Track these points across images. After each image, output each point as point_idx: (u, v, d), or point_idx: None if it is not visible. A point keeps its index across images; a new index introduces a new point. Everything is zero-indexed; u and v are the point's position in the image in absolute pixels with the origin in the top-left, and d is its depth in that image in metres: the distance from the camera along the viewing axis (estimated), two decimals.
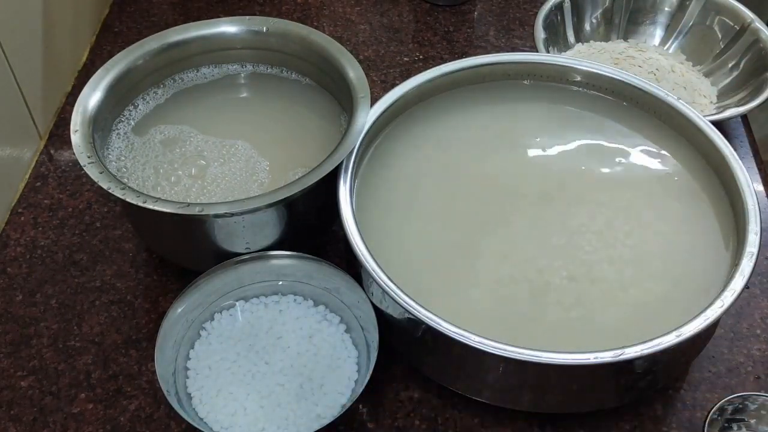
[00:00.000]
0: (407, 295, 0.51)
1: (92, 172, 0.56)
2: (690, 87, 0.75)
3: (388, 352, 0.56)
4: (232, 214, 0.55)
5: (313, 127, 0.66)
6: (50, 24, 0.76)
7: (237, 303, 0.59)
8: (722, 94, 0.76)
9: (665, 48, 0.82)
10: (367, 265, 0.53)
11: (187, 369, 0.56)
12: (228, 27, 0.68)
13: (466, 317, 0.51)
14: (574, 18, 0.81)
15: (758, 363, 0.59)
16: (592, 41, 0.82)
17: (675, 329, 0.50)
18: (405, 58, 0.84)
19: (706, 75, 0.79)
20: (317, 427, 0.51)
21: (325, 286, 0.59)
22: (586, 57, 0.78)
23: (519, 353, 0.49)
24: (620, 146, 0.65)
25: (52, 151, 0.75)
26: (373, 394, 0.57)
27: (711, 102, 0.76)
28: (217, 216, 0.55)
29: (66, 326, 0.62)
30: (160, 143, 0.64)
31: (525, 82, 0.68)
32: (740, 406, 0.52)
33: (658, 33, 0.83)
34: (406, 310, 0.51)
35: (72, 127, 0.59)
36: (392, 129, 0.65)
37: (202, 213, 0.54)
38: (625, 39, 0.83)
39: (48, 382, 0.59)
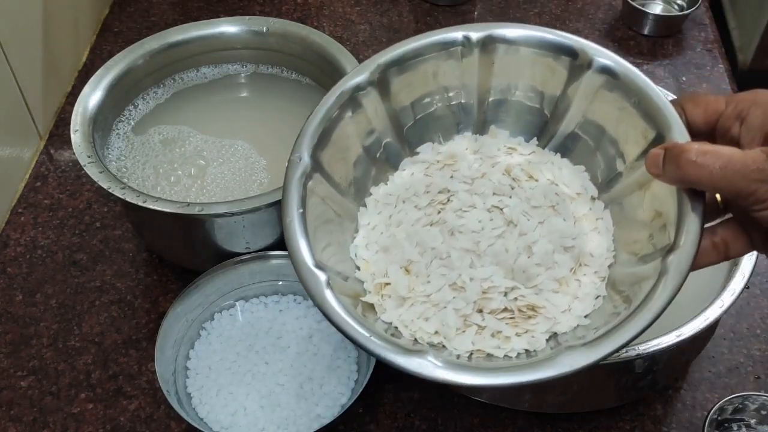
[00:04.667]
0: None
1: (92, 171, 0.56)
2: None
3: None
4: (232, 214, 0.55)
5: None
6: (50, 24, 0.76)
7: (237, 303, 0.59)
8: None
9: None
10: None
11: (187, 369, 0.56)
12: (228, 27, 0.68)
13: None
14: None
15: (758, 363, 0.59)
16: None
17: (675, 329, 0.49)
18: None
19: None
20: (317, 427, 0.51)
21: None
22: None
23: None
24: None
25: (52, 151, 0.75)
26: (373, 394, 0.57)
27: (597, 273, 0.46)
28: (216, 216, 0.55)
29: (66, 326, 0.62)
30: (160, 143, 0.64)
31: None
32: (740, 406, 0.52)
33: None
34: None
35: (72, 127, 0.59)
36: None
37: (202, 212, 0.54)
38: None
39: (48, 382, 0.59)
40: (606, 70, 0.44)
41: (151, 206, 0.54)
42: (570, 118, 0.46)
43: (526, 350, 0.41)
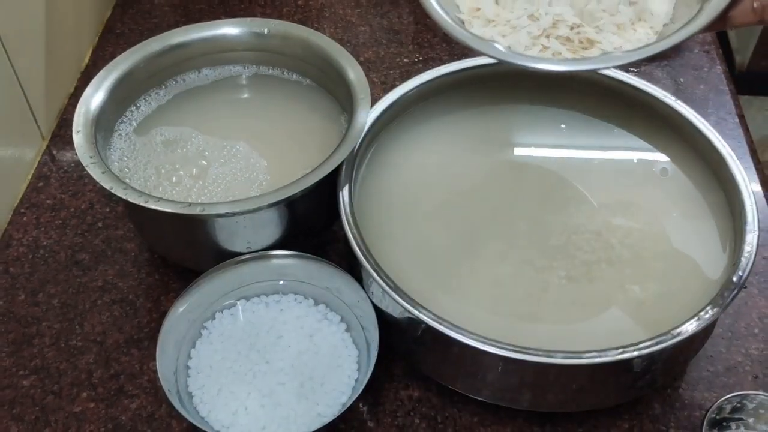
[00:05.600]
0: (407, 295, 0.52)
1: (94, 172, 0.56)
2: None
3: (388, 351, 0.57)
4: (234, 214, 0.55)
5: (313, 127, 0.66)
6: (53, 25, 0.76)
7: (238, 302, 0.60)
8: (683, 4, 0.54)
9: None
10: (367, 265, 0.53)
11: (188, 368, 0.57)
12: (229, 29, 0.68)
13: (465, 317, 0.52)
14: None
15: (756, 362, 0.60)
16: None
17: (673, 328, 0.50)
18: (405, 60, 0.84)
19: None
20: (317, 426, 0.51)
21: (326, 286, 0.59)
22: None
23: (518, 353, 0.49)
24: (618, 147, 0.65)
25: (54, 152, 0.75)
26: (373, 392, 0.58)
27: (652, 28, 0.54)
28: (218, 216, 0.55)
29: (68, 326, 0.62)
30: (162, 144, 0.65)
31: (524, 83, 0.68)
32: (738, 405, 0.53)
33: None
34: (406, 310, 0.51)
35: (74, 128, 0.59)
36: (392, 130, 0.65)
37: (204, 213, 0.54)
38: None
39: (50, 382, 0.59)
40: None
41: (152, 206, 0.54)
42: None
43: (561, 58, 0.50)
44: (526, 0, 0.53)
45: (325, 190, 0.58)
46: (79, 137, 0.58)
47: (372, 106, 0.61)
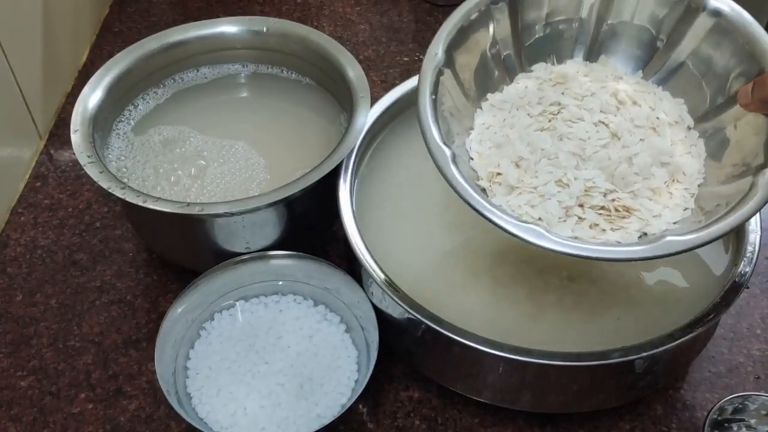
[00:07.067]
0: (407, 296, 0.52)
1: (92, 171, 0.56)
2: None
3: (388, 352, 0.56)
4: (232, 214, 0.55)
5: (313, 127, 0.66)
6: (50, 24, 0.76)
7: (237, 303, 0.59)
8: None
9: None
10: (367, 266, 0.53)
11: (187, 369, 0.56)
12: (228, 27, 0.68)
13: (465, 317, 0.52)
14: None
15: (758, 363, 0.59)
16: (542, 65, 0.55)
17: (675, 330, 0.50)
18: (405, 58, 0.84)
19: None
20: (317, 427, 0.51)
21: (325, 286, 0.59)
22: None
23: (519, 355, 0.49)
24: None
25: (52, 151, 0.75)
26: (373, 393, 0.57)
27: (687, 190, 0.50)
28: (217, 216, 0.55)
29: (66, 326, 0.62)
30: (160, 143, 0.64)
31: None
32: (740, 406, 0.52)
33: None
34: (406, 310, 0.51)
35: (72, 127, 0.59)
36: (392, 129, 0.65)
37: (202, 213, 0.54)
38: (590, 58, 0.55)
39: (48, 382, 0.59)
40: (717, 14, 0.49)
41: (151, 206, 0.54)
42: (680, 50, 0.51)
43: (618, 243, 0.46)
44: (550, 162, 0.48)
45: (325, 189, 0.57)
46: (76, 136, 0.58)
47: (372, 105, 0.61)
